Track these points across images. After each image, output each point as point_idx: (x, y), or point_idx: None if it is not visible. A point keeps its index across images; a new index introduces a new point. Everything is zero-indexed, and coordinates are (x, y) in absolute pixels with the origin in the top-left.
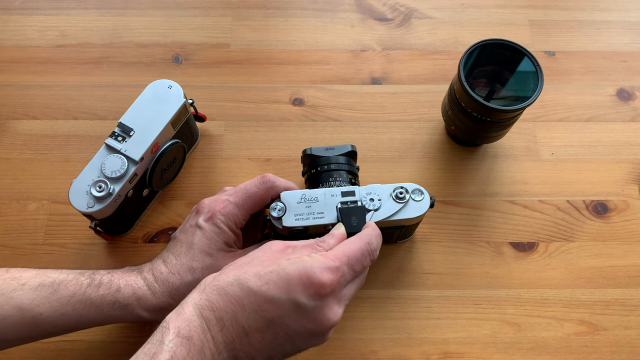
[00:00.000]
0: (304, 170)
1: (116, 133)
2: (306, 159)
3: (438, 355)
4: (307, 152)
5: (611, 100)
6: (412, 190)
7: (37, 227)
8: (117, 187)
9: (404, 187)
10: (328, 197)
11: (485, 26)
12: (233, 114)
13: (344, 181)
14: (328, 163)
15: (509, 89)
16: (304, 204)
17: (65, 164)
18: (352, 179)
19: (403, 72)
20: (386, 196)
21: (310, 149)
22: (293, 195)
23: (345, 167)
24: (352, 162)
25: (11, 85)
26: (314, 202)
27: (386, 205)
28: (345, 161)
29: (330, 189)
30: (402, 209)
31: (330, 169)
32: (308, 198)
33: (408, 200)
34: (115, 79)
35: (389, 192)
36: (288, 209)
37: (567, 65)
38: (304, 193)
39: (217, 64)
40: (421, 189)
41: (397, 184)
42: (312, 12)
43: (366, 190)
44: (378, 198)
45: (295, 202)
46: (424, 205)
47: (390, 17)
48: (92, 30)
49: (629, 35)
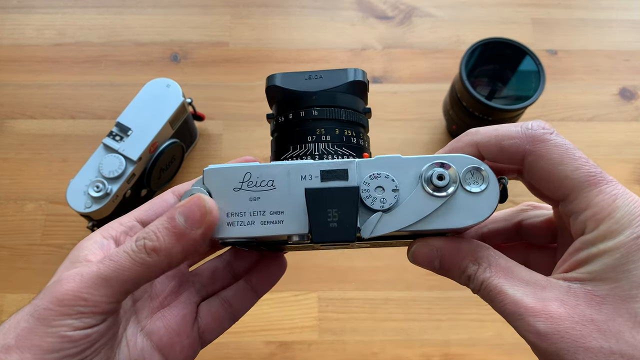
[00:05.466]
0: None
1: (114, 132)
2: (272, 96)
3: (439, 356)
4: (273, 81)
5: (614, 100)
6: (464, 171)
7: (34, 228)
8: (115, 187)
9: (446, 164)
10: (294, 181)
11: (487, 24)
12: (232, 113)
13: (334, 144)
14: (307, 106)
15: (510, 88)
16: (247, 192)
17: (62, 163)
18: (353, 140)
19: (404, 71)
20: (410, 181)
21: (280, 74)
22: (225, 175)
23: (340, 115)
24: (358, 102)
25: (8, 84)
26: (265, 190)
27: (410, 200)
28: (342, 102)
29: (299, 162)
30: (442, 209)
31: (307, 118)
32: (256, 181)
33: (454, 193)
34: (113, 78)
35: (416, 174)
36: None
37: (569, 64)
38: (248, 171)
39: (216, 63)
40: (480, 167)
41: (431, 156)
42: (312, 10)
43: (372, 168)
44: (393, 186)
45: (231, 188)
46: (489, 199)
47: (391, 15)
48: (90, 29)
49: (632, 34)
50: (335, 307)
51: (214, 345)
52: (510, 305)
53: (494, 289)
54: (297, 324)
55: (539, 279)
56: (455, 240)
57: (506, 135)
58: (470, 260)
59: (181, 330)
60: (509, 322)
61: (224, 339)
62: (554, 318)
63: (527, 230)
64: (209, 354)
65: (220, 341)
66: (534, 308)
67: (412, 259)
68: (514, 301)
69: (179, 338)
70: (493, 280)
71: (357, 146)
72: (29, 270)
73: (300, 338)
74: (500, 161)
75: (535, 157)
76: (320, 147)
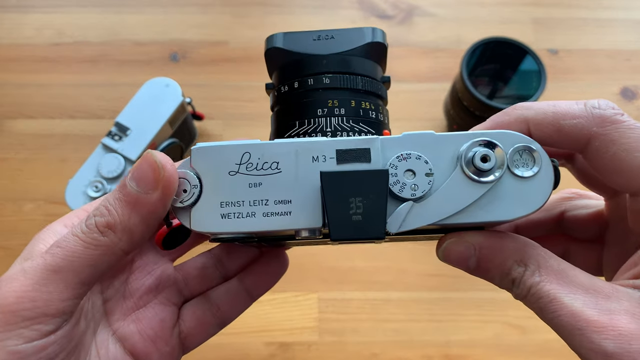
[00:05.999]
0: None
1: (113, 132)
2: (273, 61)
3: (439, 357)
4: (273, 42)
5: (615, 100)
6: (511, 151)
7: (33, 228)
8: (114, 187)
9: (491, 142)
10: (304, 162)
11: (488, 24)
12: (232, 113)
13: (350, 119)
14: (316, 73)
15: (511, 88)
16: (246, 177)
17: (61, 163)
18: (371, 114)
19: (404, 70)
20: (447, 164)
21: (282, 34)
22: (219, 155)
23: (357, 84)
24: (377, 69)
25: (7, 84)
26: (269, 174)
27: (446, 187)
28: (359, 68)
29: (310, 140)
30: (486, 197)
31: (316, 88)
32: (257, 163)
33: (500, 178)
34: (112, 78)
35: (454, 154)
36: (206, 191)
37: (570, 63)
38: (247, 150)
39: (215, 62)
40: (532, 146)
41: (472, 133)
42: (312, 9)
43: (400, 148)
44: (426, 170)
45: (226, 171)
46: (542, 185)
47: (392, 14)
48: (89, 28)
49: (633, 34)
50: (336, 307)
51: (213, 345)
52: (567, 317)
53: (545, 296)
54: (297, 325)
55: (602, 286)
56: (496, 236)
57: (567, 113)
58: (515, 260)
59: (158, 336)
60: (563, 336)
61: (223, 339)
62: (624, 335)
63: (571, 223)
64: (208, 354)
65: (219, 342)
66: (599, 322)
67: (443, 257)
68: (573, 312)
69: (156, 345)
70: (544, 286)
71: (376, 121)
72: None
73: (300, 339)
74: (556, 144)
75: (604, 141)
76: (333, 123)
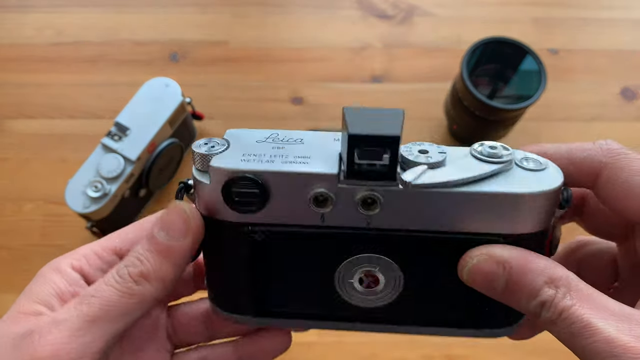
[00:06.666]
0: None
1: (112, 132)
2: None
3: (440, 357)
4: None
5: (615, 99)
6: (520, 158)
7: (32, 228)
8: (114, 188)
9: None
10: (325, 140)
11: (488, 24)
12: (231, 113)
13: None
14: None
15: (512, 88)
16: (271, 144)
17: (61, 163)
18: None
19: (404, 70)
20: (459, 154)
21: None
22: (249, 133)
23: None
24: None
25: (7, 84)
26: (292, 144)
27: (459, 162)
28: None
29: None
30: (496, 178)
31: None
32: (283, 138)
33: (509, 163)
34: (112, 77)
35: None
36: (232, 146)
37: (570, 63)
38: (275, 132)
39: (215, 62)
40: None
41: None
42: (312, 9)
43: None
44: (440, 150)
45: (254, 141)
46: (551, 175)
47: (392, 14)
48: (89, 28)
49: (634, 34)
50: None
51: None
52: (601, 343)
53: (578, 321)
54: None
55: (632, 313)
56: (524, 250)
57: (579, 147)
58: (545, 280)
59: None
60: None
61: None
62: None
63: (587, 272)
64: None
65: None
66: (636, 348)
67: (468, 278)
68: (607, 339)
69: None
70: (577, 310)
71: None
72: (27, 272)
73: (299, 339)
74: (570, 176)
75: (614, 169)
76: None
